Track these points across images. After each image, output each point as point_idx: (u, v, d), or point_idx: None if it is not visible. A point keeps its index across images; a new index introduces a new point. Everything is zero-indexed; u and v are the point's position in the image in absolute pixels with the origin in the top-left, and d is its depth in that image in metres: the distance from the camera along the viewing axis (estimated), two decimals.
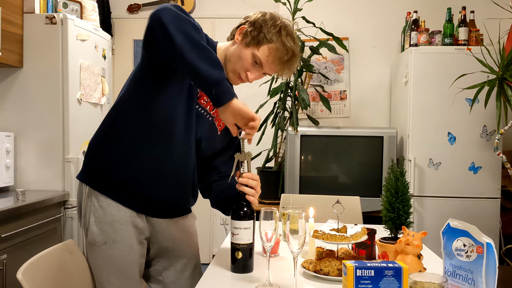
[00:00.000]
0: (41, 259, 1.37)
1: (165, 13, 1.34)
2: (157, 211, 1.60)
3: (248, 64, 1.52)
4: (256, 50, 1.51)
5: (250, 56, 1.51)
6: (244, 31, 1.53)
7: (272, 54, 1.51)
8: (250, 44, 1.51)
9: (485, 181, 3.27)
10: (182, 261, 1.68)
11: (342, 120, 4.00)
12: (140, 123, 1.50)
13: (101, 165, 1.55)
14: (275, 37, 1.51)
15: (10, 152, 2.66)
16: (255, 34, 1.51)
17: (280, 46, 1.51)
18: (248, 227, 1.48)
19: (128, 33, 4.25)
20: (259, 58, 1.51)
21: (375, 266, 0.91)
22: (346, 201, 2.32)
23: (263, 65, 1.53)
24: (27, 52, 2.76)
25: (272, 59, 1.52)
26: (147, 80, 1.49)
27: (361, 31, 3.95)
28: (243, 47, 1.52)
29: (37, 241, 2.44)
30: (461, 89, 3.05)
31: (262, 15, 1.55)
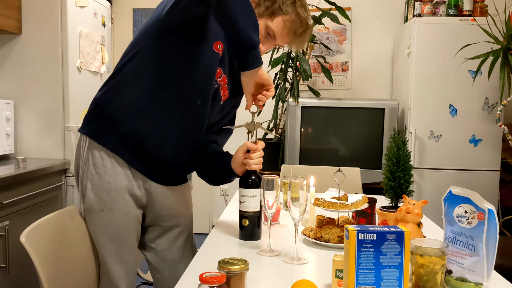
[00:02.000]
0: (43, 223, 1.38)
1: None
2: (155, 173, 1.56)
3: (260, 36, 1.45)
4: (269, 22, 1.48)
5: (263, 28, 1.48)
6: (256, 1, 1.49)
7: (287, 26, 1.48)
8: (263, 15, 1.48)
9: (485, 153, 3.28)
10: (176, 230, 1.68)
11: (344, 92, 3.97)
12: (157, 80, 1.46)
13: (107, 116, 1.50)
14: (290, 8, 1.47)
15: (10, 119, 2.65)
16: (269, 4, 1.47)
17: (295, 17, 1.48)
18: (255, 195, 1.49)
19: (127, 1, 4.18)
20: (272, 30, 1.48)
21: (377, 230, 0.92)
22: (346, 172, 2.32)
23: (276, 37, 1.50)
24: (26, 19, 2.72)
25: (286, 31, 1.49)
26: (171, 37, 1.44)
27: (364, 1, 3.89)
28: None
29: (39, 208, 2.46)
30: (465, 59, 3.02)
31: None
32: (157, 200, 1.60)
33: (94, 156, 1.51)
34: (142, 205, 1.58)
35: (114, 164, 1.50)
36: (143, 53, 1.47)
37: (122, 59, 1.51)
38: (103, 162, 1.50)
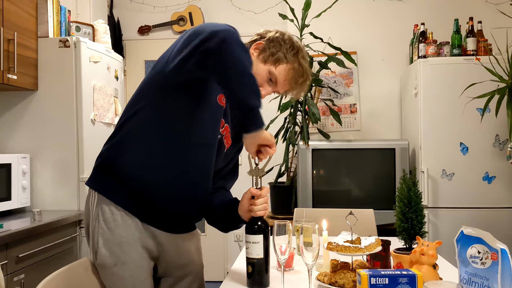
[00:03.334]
0: (57, 277, 1.39)
1: (228, 36, 1.33)
2: (165, 224, 1.56)
3: (262, 80, 1.53)
4: (273, 68, 1.53)
5: (266, 73, 1.53)
6: (261, 47, 1.55)
7: (290, 74, 1.54)
8: (268, 60, 1.53)
9: (500, 190, 3.24)
10: (187, 279, 1.66)
11: (353, 133, 4.00)
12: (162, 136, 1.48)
13: (114, 172, 1.51)
14: (293, 57, 1.54)
15: (26, 173, 2.71)
16: (274, 51, 1.53)
17: (297, 67, 1.54)
18: (257, 241, 1.47)
19: (139, 54, 4.32)
20: (275, 76, 1.53)
21: (389, 274, 0.92)
22: (360, 214, 2.32)
23: (278, 84, 1.55)
24: (42, 75, 2.83)
25: (289, 79, 1.55)
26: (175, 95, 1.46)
27: (369, 44, 3.98)
28: (259, 63, 1.54)
29: (54, 261, 2.47)
30: (471, 98, 3.05)
31: (280, 34, 1.57)
32: (168, 250, 1.59)
33: (103, 211, 1.51)
34: (154, 256, 1.57)
35: (124, 218, 1.50)
36: (147, 110, 1.48)
37: (125, 115, 1.53)
38: (113, 216, 1.50)
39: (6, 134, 2.82)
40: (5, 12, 2.52)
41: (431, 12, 3.85)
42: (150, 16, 4.30)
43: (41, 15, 2.84)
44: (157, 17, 4.29)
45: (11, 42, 2.56)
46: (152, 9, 4.28)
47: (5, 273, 2.08)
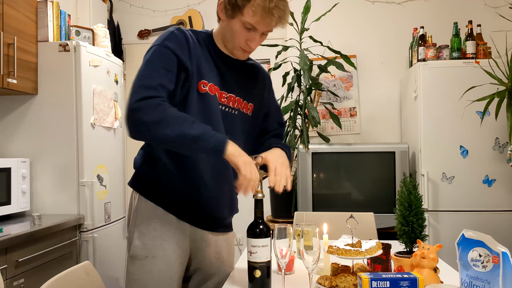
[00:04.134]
0: (59, 280, 1.39)
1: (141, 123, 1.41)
2: (201, 221, 1.62)
3: (243, 34, 1.52)
4: (242, 16, 1.49)
5: (240, 25, 1.51)
6: (223, 6, 1.53)
7: (257, 10, 1.46)
8: (233, 14, 1.50)
9: (500, 193, 3.24)
10: (215, 278, 1.70)
11: (353, 137, 4.00)
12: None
13: (151, 180, 1.60)
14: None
15: (26, 177, 2.71)
16: (234, 1, 1.48)
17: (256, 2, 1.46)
18: (265, 244, 1.46)
19: (139, 58, 4.30)
20: (248, 22, 1.49)
21: (390, 277, 0.91)
22: (360, 217, 2.31)
23: (256, 26, 1.50)
24: (42, 79, 2.83)
25: (259, 15, 1.47)
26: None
27: (369, 48, 3.99)
28: (230, 21, 1.53)
29: (54, 265, 2.46)
30: (471, 101, 3.05)
31: None
32: (201, 248, 1.63)
33: (143, 206, 1.59)
34: (187, 254, 1.60)
35: (161, 213, 1.57)
36: None
37: None
38: (151, 210, 1.57)
39: (6, 138, 2.82)
40: (5, 16, 2.53)
41: (430, 15, 3.86)
42: (149, 20, 4.30)
43: (41, 19, 2.84)
44: (157, 21, 4.29)
45: (11, 47, 2.56)
46: (152, 13, 4.29)
47: (5, 278, 2.08)
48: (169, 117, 1.40)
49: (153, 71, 1.47)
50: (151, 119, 1.39)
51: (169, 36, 1.53)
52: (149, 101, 1.40)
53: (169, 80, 1.47)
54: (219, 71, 1.60)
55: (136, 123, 1.41)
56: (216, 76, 1.58)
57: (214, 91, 1.57)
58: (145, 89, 1.43)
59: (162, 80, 1.46)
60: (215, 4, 1.61)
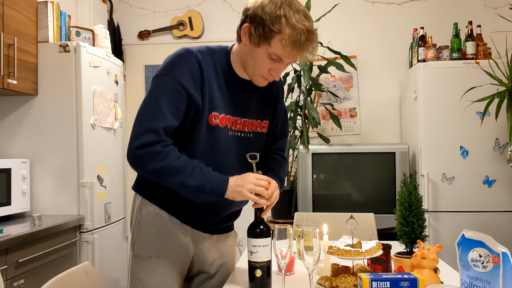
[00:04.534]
0: (59, 281, 1.39)
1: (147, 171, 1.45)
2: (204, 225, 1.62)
3: (266, 63, 1.44)
4: (268, 47, 1.40)
5: (266, 55, 1.42)
6: (247, 31, 1.43)
7: (287, 43, 1.38)
8: (260, 43, 1.41)
9: (500, 194, 3.24)
10: (217, 278, 1.71)
11: (353, 137, 4.00)
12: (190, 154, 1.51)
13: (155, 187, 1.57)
14: (282, 25, 1.36)
15: (26, 178, 2.71)
16: (261, 31, 1.39)
17: (291, 31, 1.36)
18: (266, 244, 1.47)
19: (139, 58, 4.33)
20: (275, 53, 1.41)
21: (390, 278, 0.91)
22: (361, 218, 2.32)
23: (283, 58, 1.43)
24: (42, 80, 2.83)
25: (289, 48, 1.39)
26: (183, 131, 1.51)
27: (369, 48, 3.99)
28: (254, 48, 1.43)
29: (54, 266, 2.46)
30: (471, 102, 3.05)
31: (259, 5, 1.40)
32: (204, 249, 1.64)
33: (146, 206, 1.58)
34: (189, 254, 1.61)
35: (164, 216, 1.57)
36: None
37: None
38: (155, 210, 1.57)
39: (6, 139, 2.82)
40: (5, 17, 2.53)
41: (430, 16, 3.86)
42: (150, 21, 4.31)
43: (41, 20, 2.84)
44: (157, 22, 4.30)
45: (11, 47, 2.56)
46: (152, 14, 4.29)
47: (5, 278, 2.08)
48: (168, 168, 1.41)
49: (159, 111, 1.41)
50: (151, 168, 1.42)
51: (181, 67, 1.44)
52: (149, 149, 1.40)
53: (175, 118, 1.43)
54: (233, 97, 1.53)
55: (137, 170, 1.47)
56: (230, 103, 1.52)
57: (226, 122, 1.52)
58: (147, 134, 1.40)
59: (167, 121, 1.41)
60: (215, 5, 1.60)
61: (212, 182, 1.44)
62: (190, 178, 1.42)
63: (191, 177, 1.42)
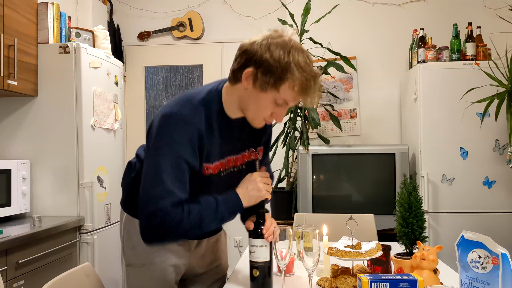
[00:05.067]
0: (59, 282, 1.39)
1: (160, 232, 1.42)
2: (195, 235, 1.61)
3: (271, 108, 1.41)
4: (276, 93, 1.36)
5: (271, 101, 1.38)
6: (252, 76, 1.37)
7: (297, 89, 1.36)
8: (266, 89, 1.36)
9: (500, 195, 3.24)
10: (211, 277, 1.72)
11: (353, 138, 4.00)
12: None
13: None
14: (292, 71, 1.33)
15: (26, 179, 2.71)
16: (269, 78, 1.34)
17: (301, 77, 1.34)
18: (264, 245, 1.48)
19: (139, 59, 4.33)
20: (282, 98, 1.38)
21: (390, 279, 0.92)
22: (360, 219, 2.31)
23: (288, 103, 1.41)
24: (42, 81, 2.83)
25: (297, 93, 1.37)
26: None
27: (369, 49, 3.99)
28: (258, 93, 1.38)
29: (54, 267, 2.46)
30: (471, 103, 3.05)
31: (265, 49, 1.35)
32: (197, 254, 1.64)
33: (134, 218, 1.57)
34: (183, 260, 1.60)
35: None
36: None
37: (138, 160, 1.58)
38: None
39: (6, 140, 2.82)
40: (5, 18, 2.53)
41: (430, 17, 3.86)
42: (150, 22, 4.31)
43: (41, 21, 2.84)
44: (157, 23, 4.30)
45: (11, 48, 2.56)
46: (152, 15, 4.29)
47: (5, 279, 2.08)
48: (187, 229, 1.41)
49: (166, 190, 1.38)
50: (170, 239, 1.48)
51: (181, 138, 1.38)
52: (160, 227, 1.39)
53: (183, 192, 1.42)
54: (226, 140, 1.50)
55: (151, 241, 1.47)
56: (222, 148, 1.50)
57: (218, 168, 1.51)
58: (159, 213, 1.38)
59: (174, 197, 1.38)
60: (215, 6, 1.60)
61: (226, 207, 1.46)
62: (208, 221, 1.44)
63: (208, 220, 1.44)
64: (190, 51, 4.30)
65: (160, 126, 1.40)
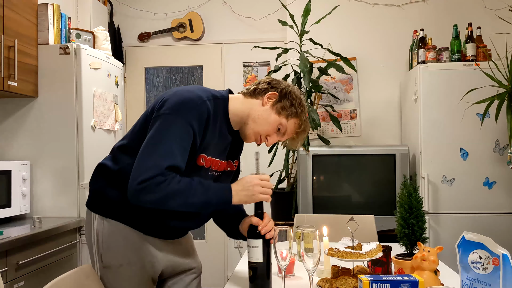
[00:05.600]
0: (59, 283, 1.39)
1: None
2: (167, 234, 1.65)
3: (272, 130, 1.61)
4: (284, 120, 1.61)
5: (277, 124, 1.61)
6: (275, 98, 1.61)
7: (298, 128, 1.65)
8: (281, 113, 1.60)
9: (501, 196, 3.24)
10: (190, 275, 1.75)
11: (353, 139, 4.00)
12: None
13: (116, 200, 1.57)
14: (302, 113, 1.64)
15: (26, 180, 2.71)
16: (288, 105, 1.61)
17: (304, 122, 1.65)
18: (256, 246, 1.49)
19: (139, 60, 4.33)
20: (285, 128, 1.62)
21: (390, 280, 0.91)
22: (361, 219, 2.31)
23: (285, 135, 1.64)
24: (42, 82, 2.83)
25: (294, 131, 1.65)
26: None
27: (369, 50, 3.99)
28: (273, 113, 1.60)
29: (54, 268, 2.46)
30: (471, 104, 3.05)
31: (291, 88, 1.64)
32: (170, 253, 1.66)
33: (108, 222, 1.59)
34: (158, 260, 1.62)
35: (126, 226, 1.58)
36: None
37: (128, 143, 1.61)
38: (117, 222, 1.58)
39: (7, 141, 2.82)
40: (6, 19, 2.53)
41: (430, 18, 3.86)
42: (150, 23, 4.31)
43: (42, 22, 2.84)
44: (157, 24, 4.30)
45: (12, 49, 2.57)
46: (152, 16, 4.29)
47: (5, 280, 2.07)
48: (171, 193, 1.42)
49: (169, 149, 1.44)
50: (153, 199, 1.43)
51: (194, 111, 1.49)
52: (151, 181, 1.40)
53: (182, 159, 1.47)
54: (221, 142, 1.61)
55: (139, 203, 1.45)
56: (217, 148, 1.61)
57: (209, 163, 1.59)
58: (153, 168, 1.41)
59: (174, 161, 1.44)
60: (215, 7, 1.62)
61: (216, 195, 1.49)
62: (195, 197, 1.45)
63: (196, 195, 1.45)
64: (190, 52, 4.30)
65: (177, 100, 1.50)
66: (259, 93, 1.63)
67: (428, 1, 3.91)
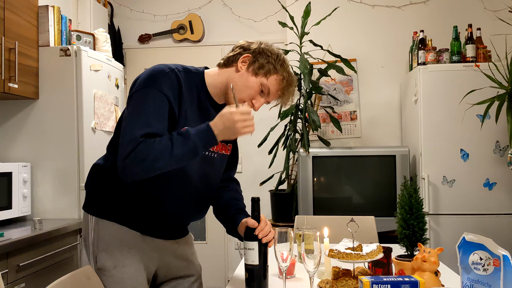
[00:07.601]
0: (60, 285, 1.39)
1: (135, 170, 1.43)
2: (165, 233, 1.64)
3: (255, 93, 1.57)
4: (265, 80, 1.56)
5: (258, 85, 1.56)
6: (249, 60, 1.57)
7: (282, 84, 1.58)
8: (259, 73, 1.55)
9: (501, 197, 3.24)
10: (189, 279, 1.74)
11: (354, 140, 4.00)
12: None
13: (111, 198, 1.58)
14: (281, 68, 1.57)
15: (27, 182, 2.71)
16: (263, 63, 1.55)
17: (287, 76, 1.58)
18: (251, 248, 1.48)
19: (140, 62, 4.34)
20: (267, 87, 1.57)
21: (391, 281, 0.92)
22: (361, 221, 2.32)
23: (270, 94, 1.59)
24: (43, 84, 2.84)
25: (281, 88, 1.59)
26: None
27: (369, 52, 3.99)
28: (250, 76, 1.56)
29: (55, 269, 2.46)
30: (471, 105, 3.05)
31: (265, 45, 1.59)
32: (167, 254, 1.66)
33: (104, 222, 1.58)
34: (154, 261, 1.62)
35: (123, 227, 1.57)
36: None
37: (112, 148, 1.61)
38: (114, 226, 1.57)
39: (7, 142, 2.83)
40: (6, 21, 2.53)
41: (430, 19, 3.87)
42: (150, 24, 4.32)
43: (42, 24, 2.85)
44: (157, 26, 4.31)
45: (12, 51, 2.57)
46: (152, 18, 4.30)
47: (6, 282, 2.07)
48: (155, 154, 1.40)
49: (145, 119, 1.44)
50: (141, 168, 1.41)
51: (164, 80, 1.49)
52: (133, 154, 1.40)
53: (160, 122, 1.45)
54: (205, 117, 1.57)
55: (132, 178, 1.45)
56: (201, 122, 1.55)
57: None
58: (132, 142, 1.41)
59: (152, 128, 1.43)
60: (215, 9, 1.63)
61: (199, 137, 1.44)
62: (179, 148, 1.41)
63: (179, 147, 1.41)
64: (191, 54, 4.30)
65: (145, 74, 1.51)
66: (233, 61, 1.59)
67: (428, 3, 3.92)
